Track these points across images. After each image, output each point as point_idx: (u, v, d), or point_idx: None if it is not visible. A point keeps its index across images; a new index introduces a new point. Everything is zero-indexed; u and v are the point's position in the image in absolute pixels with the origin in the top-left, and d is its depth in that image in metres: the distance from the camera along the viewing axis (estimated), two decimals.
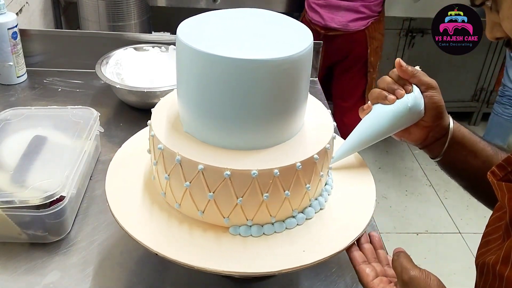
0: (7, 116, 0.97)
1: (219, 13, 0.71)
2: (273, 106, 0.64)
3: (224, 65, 0.60)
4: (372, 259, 0.66)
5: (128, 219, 0.68)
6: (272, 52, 0.61)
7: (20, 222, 0.78)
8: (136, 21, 2.03)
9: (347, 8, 1.99)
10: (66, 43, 1.39)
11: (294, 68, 0.62)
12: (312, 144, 0.67)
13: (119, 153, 0.80)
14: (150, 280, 0.78)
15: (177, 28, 0.65)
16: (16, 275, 0.77)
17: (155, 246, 0.63)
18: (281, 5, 2.31)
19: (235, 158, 0.64)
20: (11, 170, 0.83)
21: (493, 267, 0.56)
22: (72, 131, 0.94)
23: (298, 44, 0.63)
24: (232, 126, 0.64)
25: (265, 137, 0.66)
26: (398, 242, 2.21)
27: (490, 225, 0.61)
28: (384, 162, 2.70)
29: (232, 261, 0.63)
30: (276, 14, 0.72)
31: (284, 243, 0.66)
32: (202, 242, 0.65)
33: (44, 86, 1.29)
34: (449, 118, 0.75)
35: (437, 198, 2.52)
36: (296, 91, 0.65)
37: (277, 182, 0.63)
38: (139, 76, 1.20)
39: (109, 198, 0.71)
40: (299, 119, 0.69)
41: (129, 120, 1.16)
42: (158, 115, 0.73)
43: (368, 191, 0.75)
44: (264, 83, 0.61)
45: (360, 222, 0.69)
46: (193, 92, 0.65)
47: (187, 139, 0.67)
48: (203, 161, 0.62)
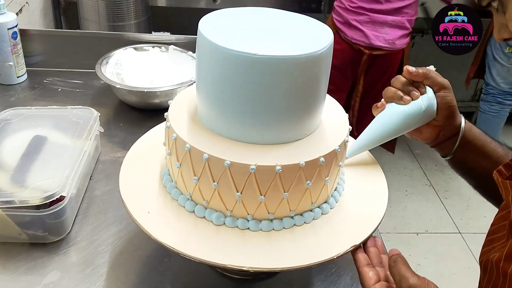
0: (7, 116, 0.97)
1: (239, 10, 0.72)
2: (295, 102, 0.65)
3: (248, 62, 0.60)
4: (377, 263, 0.65)
5: (149, 221, 0.67)
6: (295, 49, 0.61)
7: (20, 222, 0.78)
8: (136, 21, 2.03)
9: (393, 24, 1.83)
10: (66, 43, 1.39)
11: (316, 64, 0.63)
12: (332, 137, 0.68)
13: (130, 154, 0.79)
14: (151, 280, 0.78)
15: (198, 24, 0.65)
16: (16, 275, 0.77)
17: (177, 245, 0.63)
18: (281, 5, 2.30)
19: (258, 153, 0.64)
20: (11, 170, 0.83)
21: (497, 264, 0.56)
22: (72, 131, 0.94)
23: (320, 41, 0.63)
24: (253, 121, 0.65)
25: (286, 133, 0.67)
26: (398, 242, 2.21)
27: (494, 223, 0.61)
28: (384, 162, 2.70)
29: (254, 257, 0.63)
30: (294, 14, 0.73)
31: (307, 236, 0.67)
32: (226, 238, 0.66)
33: (44, 86, 1.29)
34: (461, 118, 0.75)
35: (437, 198, 2.52)
36: (317, 87, 0.66)
37: (302, 175, 0.63)
38: (139, 76, 1.20)
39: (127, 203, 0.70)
40: (319, 115, 0.70)
41: (129, 120, 1.16)
42: (176, 112, 0.72)
43: (380, 186, 0.76)
44: (286, 80, 0.62)
45: (375, 216, 0.70)
46: (214, 88, 0.65)
47: (210, 136, 0.67)
48: (229, 158, 0.62)
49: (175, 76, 1.20)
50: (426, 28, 2.71)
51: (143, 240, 0.67)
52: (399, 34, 1.86)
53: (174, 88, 1.14)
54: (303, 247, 0.65)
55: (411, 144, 2.84)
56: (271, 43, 0.64)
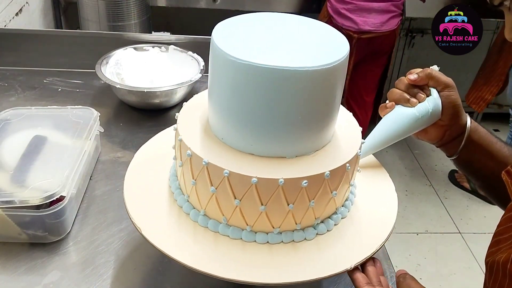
0: (7, 116, 0.97)
1: (254, 17, 0.70)
2: (309, 114, 0.63)
3: (261, 73, 0.58)
4: (376, 282, 0.64)
5: (153, 231, 0.67)
6: (309, 61, 0.59)
7: (20, 222, 0.78)
8: (136, 21, 2.03)
9: (379, 10, 1.96)
10: (66, 43, 1.39)
11: (331, 77, 0.61)
12: (343, 153, 0.67)
13: (135, 160, 0.79)
14: (150, 280, 0.78)
15: (212, 32, 0.64)
16: (16, 275, 0.77)
17: (181, 257, 0.63)
18: (281, 6, 2.31)
19: (263, 166, 0.63)
20: (11, 170, 0.83)
21: (504, 265, 0.56)
22: (72, 131, 0.94)
23: (335, 53, 0.61)
24: (265, 134, 0.63)
25: (299, 146, 0.65)
26: (398, 242, 2.21)
27: (501, 224, 0.61)
28: (384, 162, 2.69)
29: (257, 270, 0.63)
30: (309, 20, 0.70)
31: (310, 251, 0.66)
32: (226, 251, 0.65)
33: (44, 86, 1.29)
34: (467, 117, 0.74)
35: (437, 198, 2.52)
36: (332, 100, 0.64)
37: (304, 192, 0.62)
38: (139, 76, 1.20)
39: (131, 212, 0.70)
40: (332, 128, 0.69)
41: (129, 120, 1.16)
42: (185, 118, 0.71)
43: (389, 197, 0.77)
44: (301, 92, 0.60)
45: (384, 227, 0.70)
46: (227, 98, 0.64)
47: (217, 145, 0.66)
48: (229, 168, 0.61)
49: (175, 76, 1.20)
50: (426, 28, 2.71)
51: (143, 240, 0.68)
52: (387, 18, 1.97)
53: (174, 88, 1.14)
54: (327, 255, 0.65)
55: (411, 144, 2.84)
56: (286, 54, 0.62)
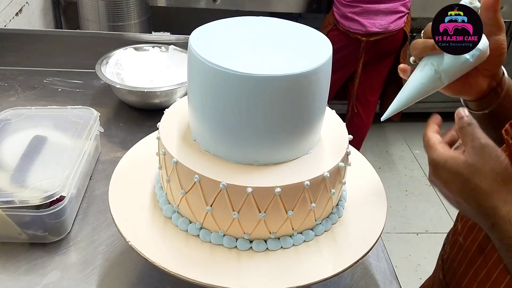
0: (7, 116, 0.97)
1: (233, 21, 0.68)
2: (290, 120, 0.62)
3: (239, 81, 0.57)
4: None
5: (139, 238, 0.67)
6: (288, 67, 0.58)
7: (20, 222, 0.78)
8: (136, 21, 2.03)
9: (386, 11, 1.93)
10: (66, 43, 1.39)
11: (311, 82, 0.60)
12: (323, 162, 0.66)
13: (119, 168, 0.79)
14: (150, 280, 0.78)
15: (190, 37, 0.62)
16: (16, 275, 0.77)
17: (170, 266, 0.62)
18: (281, 6, 2.30)
19: (235, 172, 0.63)
20: (11, 170, 0.83)
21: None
22: (72, 131, 0.94)
23: (316, 57, 0.60)
24: (245, 141, 0.62)
25: (281, 152, 0.64)
26: (398, 242, 2.21)
27: None
28: (384, 162, 2.70)
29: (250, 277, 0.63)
30: (291, 23, 0.69)
31: (310, 255, 0.66)
32: (222, 259, 0.65)
33: (44, 86, 1.29)
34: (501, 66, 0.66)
35: (437, 198, 2.52)
36: (314, 104, 0.63)
37: (279, 201, 0.62)
38: (139, 76, 1.20)
39: (116, 218, 0.69)
40: (317, 132, 0.68)
41: (129, 120, 1.16)
42: (167, 125, 0.70)
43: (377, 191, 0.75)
44: (280, 99, 0.59)
45: (375, 228, 0.69)
46: (201, 103, 0.63)
47: (202, 155, 0.65)
48: (223, 179, 0.60)
49: (175, 76, 1.20)
50: None
51: None
52: (394, 18, 1.95)
53: (174, 88, 1.14)
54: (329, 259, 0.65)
55: (411, 144, 2.84)
56: (266, 59, 0.61)
